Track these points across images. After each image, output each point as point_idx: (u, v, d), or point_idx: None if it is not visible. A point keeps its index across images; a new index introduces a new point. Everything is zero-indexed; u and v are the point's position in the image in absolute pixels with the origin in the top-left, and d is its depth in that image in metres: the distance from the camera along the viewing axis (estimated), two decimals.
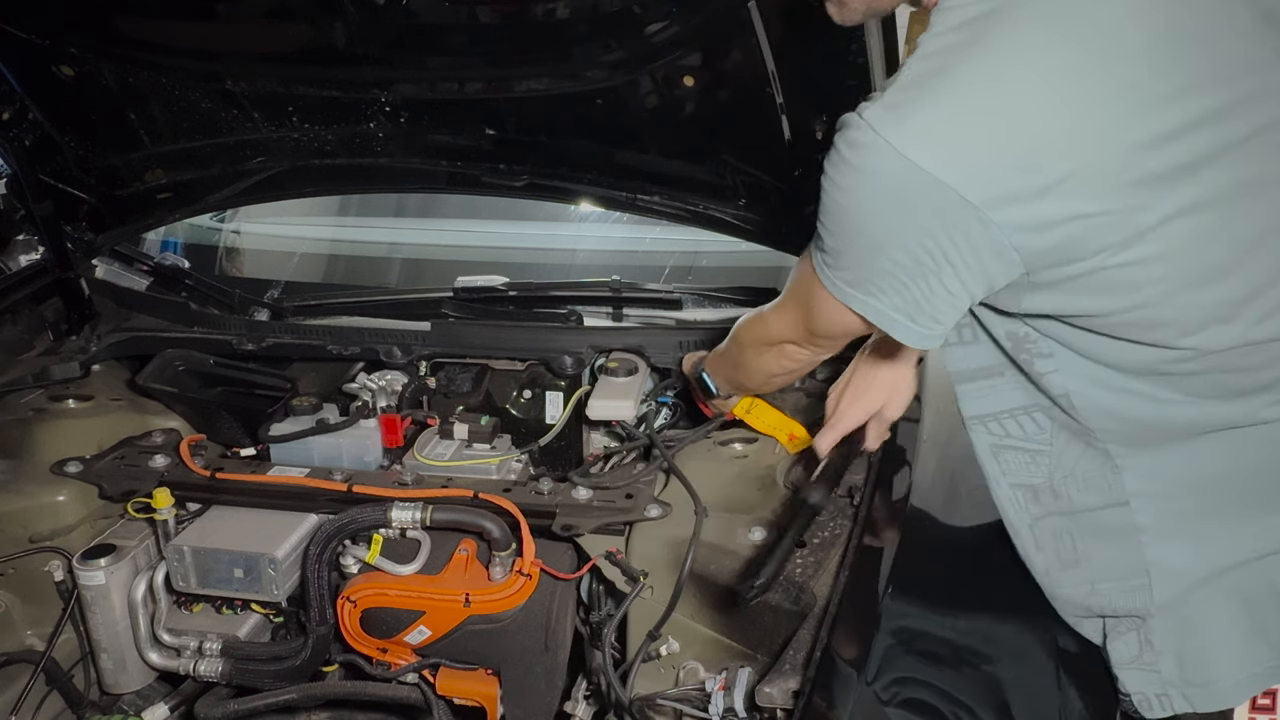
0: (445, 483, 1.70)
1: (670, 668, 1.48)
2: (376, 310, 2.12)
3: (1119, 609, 1.22)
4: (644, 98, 1.77)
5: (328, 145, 2.01)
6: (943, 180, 0.97)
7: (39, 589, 1.77)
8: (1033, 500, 1.26)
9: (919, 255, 1.03)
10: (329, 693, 1.72)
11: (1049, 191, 0.98)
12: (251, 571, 1.60)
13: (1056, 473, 1.23)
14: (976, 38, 1.00)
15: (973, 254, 1.02)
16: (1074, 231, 1.00)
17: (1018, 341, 1.19)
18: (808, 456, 1.57)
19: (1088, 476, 1.21)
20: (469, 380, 2.03)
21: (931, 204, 0.99)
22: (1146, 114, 0.99)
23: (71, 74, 1.93)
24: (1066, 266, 1.03)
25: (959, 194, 0.97)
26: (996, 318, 1.19)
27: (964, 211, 0.98)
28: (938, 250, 1.02)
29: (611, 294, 2.08)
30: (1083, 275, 1.04)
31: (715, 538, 1.48)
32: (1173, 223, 1.01)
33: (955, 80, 0.99)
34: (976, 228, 1.00)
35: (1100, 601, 1.23)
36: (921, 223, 1.01)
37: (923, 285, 1.05)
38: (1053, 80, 0.99)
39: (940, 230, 1.01)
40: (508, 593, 1.56)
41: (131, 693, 1.81)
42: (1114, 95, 0.99)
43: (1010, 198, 0.98)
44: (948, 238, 1.01)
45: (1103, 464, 1.20)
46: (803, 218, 1.80)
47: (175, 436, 1.90)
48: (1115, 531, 1.21)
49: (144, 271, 2.31)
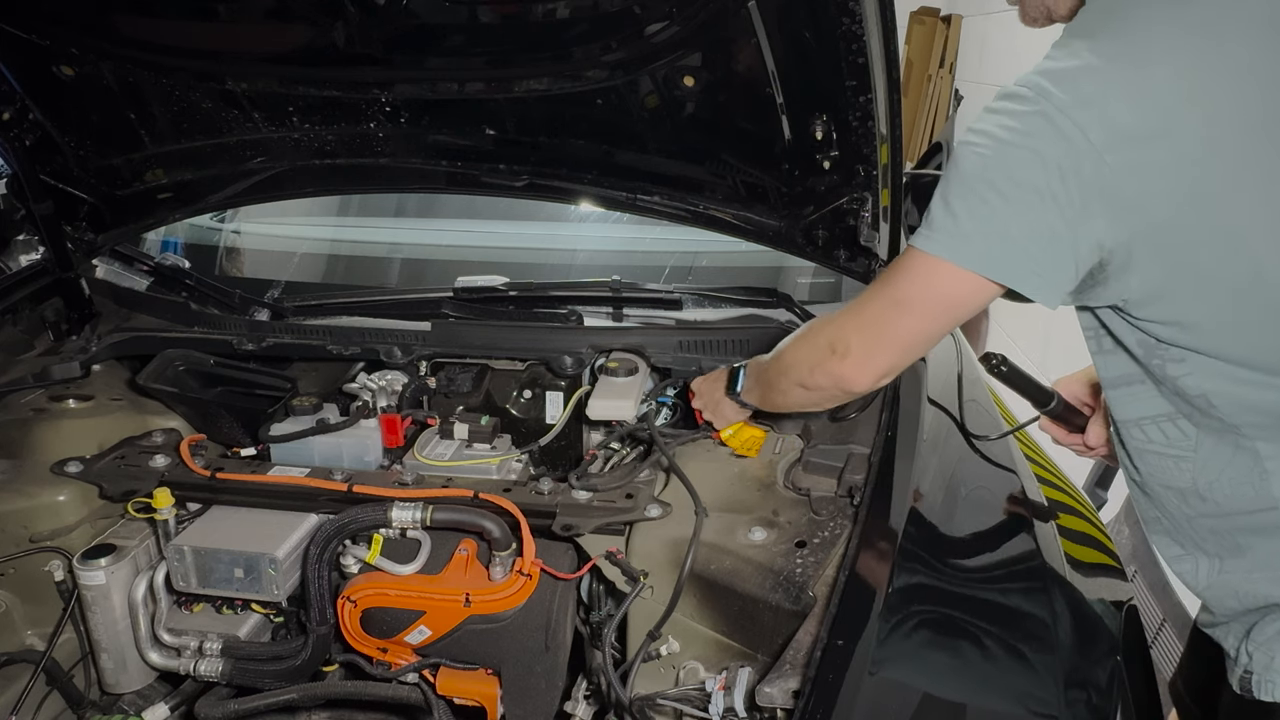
0: (445, 483, 1.70)
1: (670, 668, 1.48)
2: (376, 310, 2.12)
3: (1265, 598, 1.24)
4: (644, 98, 1.77)
5: (328, 145, 2.01)
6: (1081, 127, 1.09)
7: (39, 589, 1.77)
8: (1182, 501, 1.29)
9: (1045, 201, 1.12)
10: (329, 693, 1.72)
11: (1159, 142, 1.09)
12: (252, 571, 1.60)
13: (1200, 478, 1.26)
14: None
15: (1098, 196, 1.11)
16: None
17: (1149, 349, 1.23)
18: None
19: (1235, 482, 1.23)
20: (469, 380, 2.03)
21: (1066, 152, 1.10)
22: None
23: (71, 74, 1.93)
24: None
25: (1087, 139, 1.09)
26: (1126, 326, 1.24)
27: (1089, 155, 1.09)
28: (1063, 194, 1.12)
29: (611, 294, 2.08)
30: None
31: (715, 538, 1.48)
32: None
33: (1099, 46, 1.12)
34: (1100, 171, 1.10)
35: (1252, 590, 1.25)
36: (1054, 170, 1.11)
37: (1044, 231, 1.14)
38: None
39: (1071, 175, 1.11)
40: (508, 593, 1.56)
41: (132, 692, 1.81)
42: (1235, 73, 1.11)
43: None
44: (1076, 184, 1.11)
45: (1251, 468, 1.21)
46: (803, 218, 1.82)
47: (175, 436, 1.90)
48: (1270, 529, 1.23)
49: (144, 271, 2.31)
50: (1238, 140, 1.11)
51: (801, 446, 1.69)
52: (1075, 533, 1.65)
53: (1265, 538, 1.23)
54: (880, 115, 1.58)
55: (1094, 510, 1.91)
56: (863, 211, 1.71)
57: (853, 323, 1.37)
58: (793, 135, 1.69)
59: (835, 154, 1.68)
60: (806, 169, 1.73)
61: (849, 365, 1.36)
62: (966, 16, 7.23)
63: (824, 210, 1.77)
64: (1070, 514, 1.72)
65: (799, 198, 1.79)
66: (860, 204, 1.71)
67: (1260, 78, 1.12)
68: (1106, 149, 1.10)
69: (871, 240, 1.72)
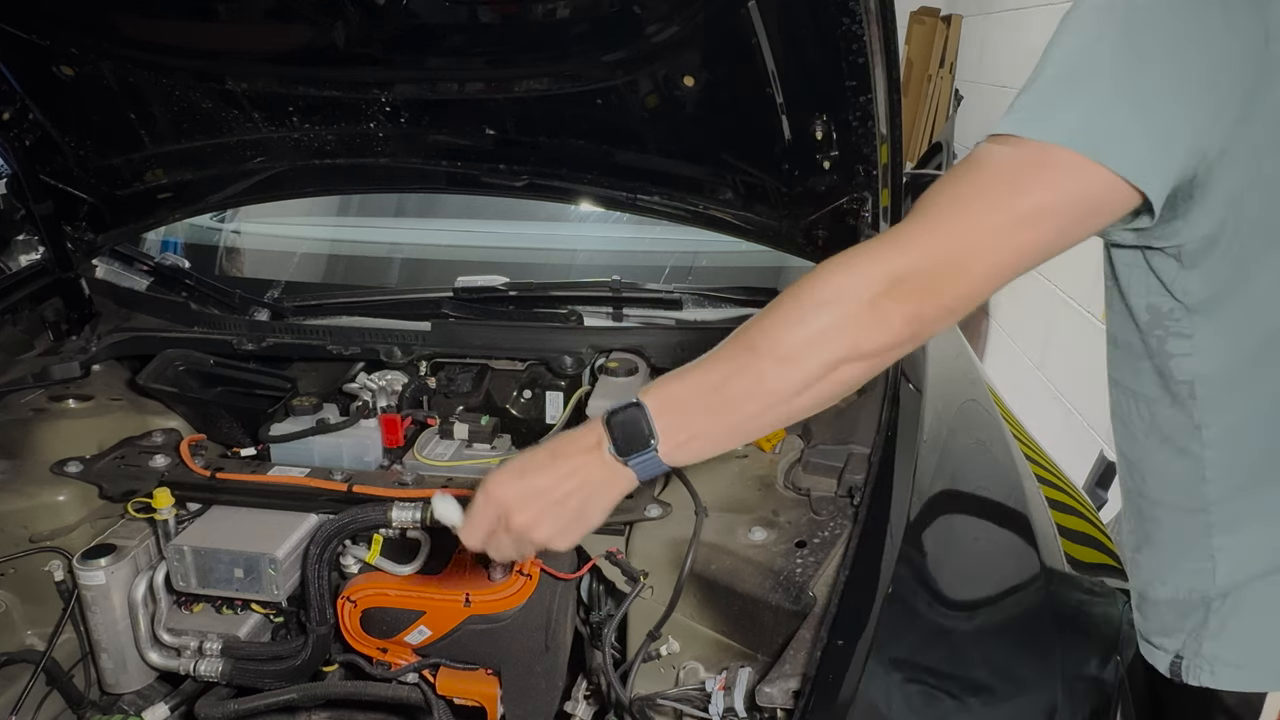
0: (445, 483, 1.70)
1: (670, 668, 1.48)
2: (376, 310, 2.12)
3: (1182, 589, 1.21)
4: (644, 98, 1.77)
5: (328, 145, 2.01)
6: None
7: (39, 589, 1.77)
8: (1128, 474, 1.25)
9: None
10: (329, 693, 1.72)
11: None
12: (252, 571, 1.60)
13: (1143, 461, 1.22)
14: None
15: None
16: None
17: (1157, 317, 1.12)
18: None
19: (1170, 480, 1.20)
20: (469, 380, 2.03)
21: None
22: None
23: (71, 74, 1.93)
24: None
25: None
26: (1144, 285, 1.11)
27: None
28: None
29: (611, 294, 2.08)
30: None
31: (715, 538, 1.48)
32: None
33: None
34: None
35: (1170, 579, 1.23)
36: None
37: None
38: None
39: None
40: (508, 593, 1.56)
41: (132, 692, 1.81)
42: None
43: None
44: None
45: (1189, 471, 1.17)
46: (803, 218, 1.82)
47: (175, 436, 1.90)
48: (1188, 526, 1.20)
49: (144, 271, 2.31)
50: None
51: (801, 446, 1.69)
52: (1075, 533, 1.65)
53: (1179, 529, 1.21)
54: (880, 115, 1.58)
55: (1094, 510, 1.91)
56: (863, 211, 1.71)
57: (932, 244, 0.99)
58: (793, 135, 1.69)
59: (835, 154, 1.68)
60: (806, 169, 1.73)
61: (934, 300, 0.99)
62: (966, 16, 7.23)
63: (824, 210, 1.77)
64: (1070, 514, 1.73)
65: (799, 198, 1.79)
66: (860, 204, 1.71)
67: None
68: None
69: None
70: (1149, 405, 1.19)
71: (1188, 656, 1.21)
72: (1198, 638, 1.19)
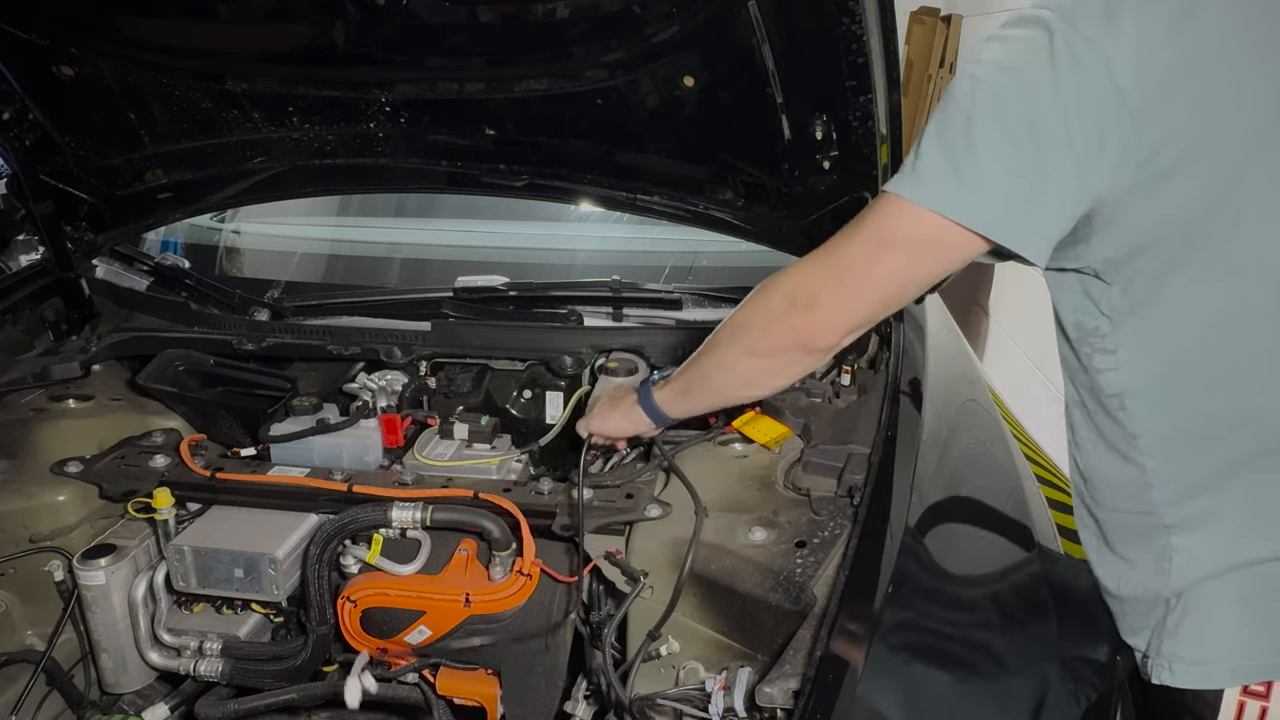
0: (445, 483, 1.70)
1: (670, 668, 1.48)
2: (376, 310, 2.12)
3: (1141, 588, 1.25)
4: (644, 98, 1.77)
5: (328, 145, 2.01)
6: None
7: (39, 589, 1.77)
8: (1081, 481, 1.32)
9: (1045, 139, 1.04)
10: (329, 693, 1.72)
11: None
12: (252, 571, 1.60)
13: (1091, 470, 1.28)
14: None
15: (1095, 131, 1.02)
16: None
17: (1083, 334, 1.20)
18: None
19: (1119, 486, 1.24)
20: (469, 380, 2.03)
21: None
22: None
23: (71, 74, 1.93)
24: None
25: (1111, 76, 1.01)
26: (1071, 301, 1.20)
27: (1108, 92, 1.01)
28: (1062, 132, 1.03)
29: (611, 294, 2.08)
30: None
31: (715, 538, 1.48)
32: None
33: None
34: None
35: (1131, 578, 1.26)
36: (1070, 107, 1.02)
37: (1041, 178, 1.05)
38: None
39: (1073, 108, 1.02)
40: (508, 593, 1.56)
41: (132, 692, 1.81)
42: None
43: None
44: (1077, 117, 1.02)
45: (1135, 478, 1.21)
46: (803, 217, 1.82)
47: (175, 436, 1.90)
48: (1141, 528, 1.23)
49: (144, 271, 2.31)
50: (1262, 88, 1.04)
51: (801, 446, 1.69)
52: (1075, 532, 1.65)
53: (1133, 532, 1.25)
54: (880, 115, 1.58)
55: None
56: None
57: (818, 270, 1.22)
58: (793, 135, 1.69)
59: (835, 154, 1.68)
60: (807, 169, 1.73)
61: (816, 318, 1.22)
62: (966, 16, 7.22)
63: (824, 210, 1.77)
64: (1070, 513, 1.72)
65: (799, 197, 1.79)
66: (860, 204, 1.71)
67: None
68: (1131, 88, 1.00)
69: None
70: (1091, 416, 1.26)
71: (1151, 655, 1.23)
72: (1159, 636, 1.22)
